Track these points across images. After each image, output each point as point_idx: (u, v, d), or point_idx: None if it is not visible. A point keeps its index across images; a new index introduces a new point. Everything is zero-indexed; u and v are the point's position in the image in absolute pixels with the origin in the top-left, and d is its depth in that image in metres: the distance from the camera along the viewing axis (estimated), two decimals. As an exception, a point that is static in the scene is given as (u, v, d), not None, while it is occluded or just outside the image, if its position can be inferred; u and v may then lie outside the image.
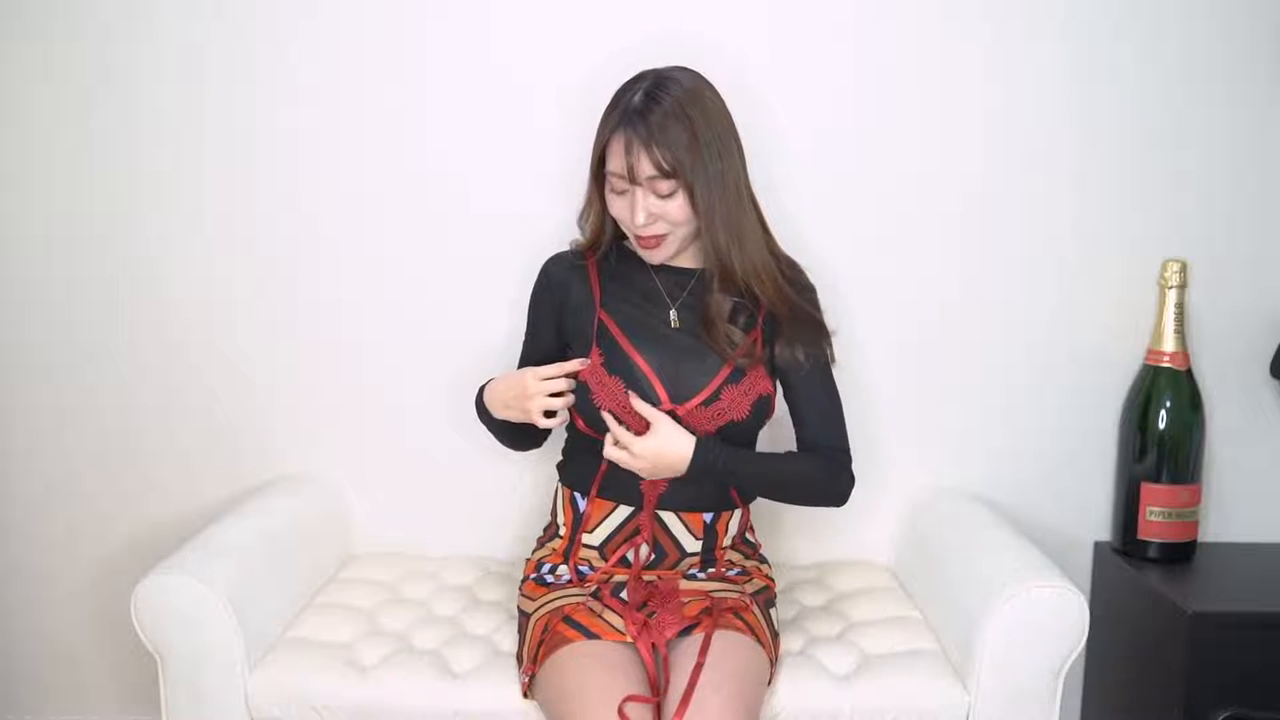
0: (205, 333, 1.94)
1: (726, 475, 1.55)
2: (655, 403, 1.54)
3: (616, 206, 1.53)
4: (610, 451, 1.52)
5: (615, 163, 1.49)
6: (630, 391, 1.53)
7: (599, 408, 1.54)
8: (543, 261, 1.68)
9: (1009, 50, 1.86)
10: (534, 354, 1.67)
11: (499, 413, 1.60)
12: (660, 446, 1.50)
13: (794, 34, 1.86)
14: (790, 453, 1.63)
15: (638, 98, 1.48)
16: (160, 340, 1.95)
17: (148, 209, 1.91)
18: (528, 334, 1.69)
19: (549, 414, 1.54)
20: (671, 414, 1.53)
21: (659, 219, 1.51)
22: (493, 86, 1.87)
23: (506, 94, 1.88)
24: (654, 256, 1.56)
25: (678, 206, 1.50)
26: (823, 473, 1.60)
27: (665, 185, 1.48)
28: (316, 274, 1.93)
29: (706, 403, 1.54)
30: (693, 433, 1.53)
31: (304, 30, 1.86)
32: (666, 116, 1.46)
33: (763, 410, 1.58)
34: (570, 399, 1.55)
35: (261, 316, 1.94)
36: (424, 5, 1.85)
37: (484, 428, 1.69)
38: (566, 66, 1.86)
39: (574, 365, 1.55)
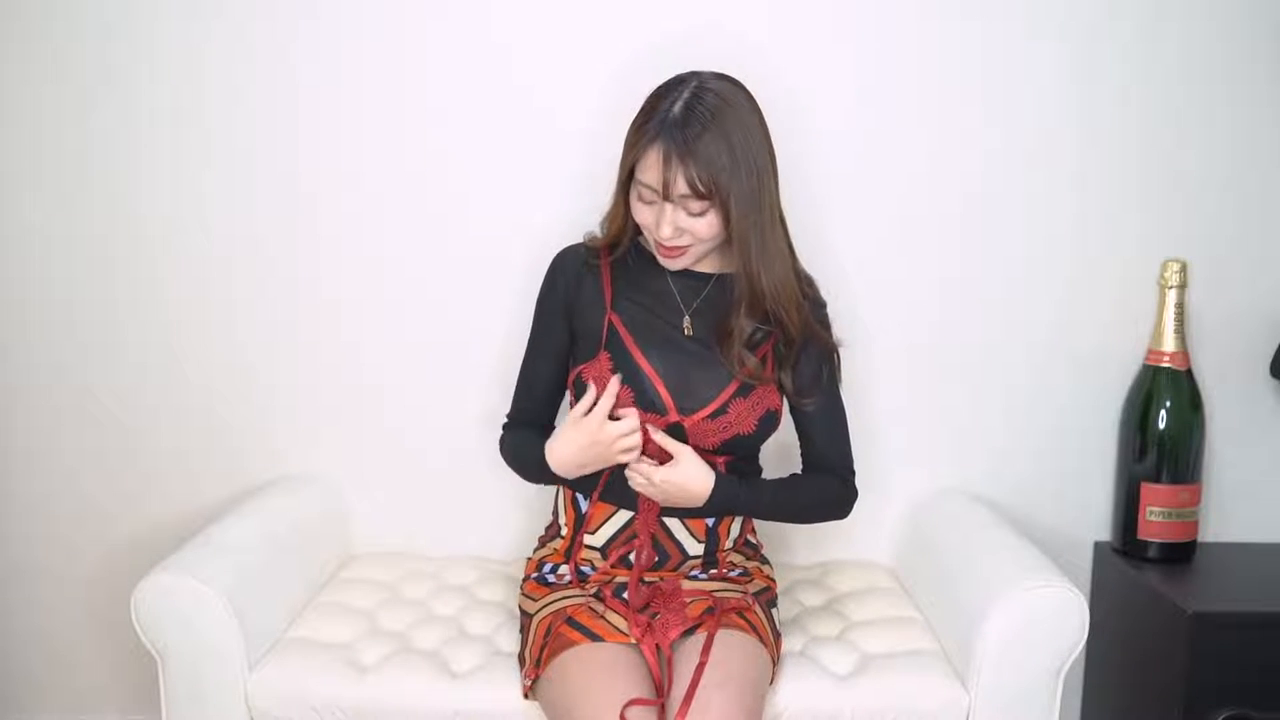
0: (205, 333, 1.94)
1: (741, 510, 1.57)
2: (661, 412, 1.52)
3: (643, 214, 1.50)
4: (631, 477, 1.52)
5: (649, 175, 1.45)
6: (650, 426, 1.51)
7: (610, 417, 1.53)
8: (550, 258, 1.64)
9: (1009, 50, 1.86)
10: (543, 352, 1.65)
11: (576, 474, 1.56)
12: (682, 481, 1.50)
13: (794, 35, 1.86)
14: (799, 477, 1.63)
15: (677, 108, 1.42)
16: (160, 340, 1.95)
17: (147, 209, 1.91)
18: (535, 331, 1.66)
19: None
20: (677, 425, 1.53)
21: (685, 233, 1.48)
22: (493, 86, 1.87)
23: (507, 94, 1.87)
24: (672, 265, 1.54)
25: (706, 224, 1.47)
26: (832, 494, 1.62)
27: (698, 205, 1.44)
28: (316, 274, 1.93)
29: (713, 416, 1.53)
30: (698, 447, 1.53)
31: (304, 30, 1.86)
32: (705, 131, 1.41)
33: (769, 425, 1.57)
34: (638, 425, 1.51)
35: (261, 316, 1.94)
36: (424, 5, 1.85)
37: (513, 470, 1.67)
38: (568, 66, 1.86)
39: (613, 387, 1.51)
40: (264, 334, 1.94)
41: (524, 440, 1.63)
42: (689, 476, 1.50)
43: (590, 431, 1.50)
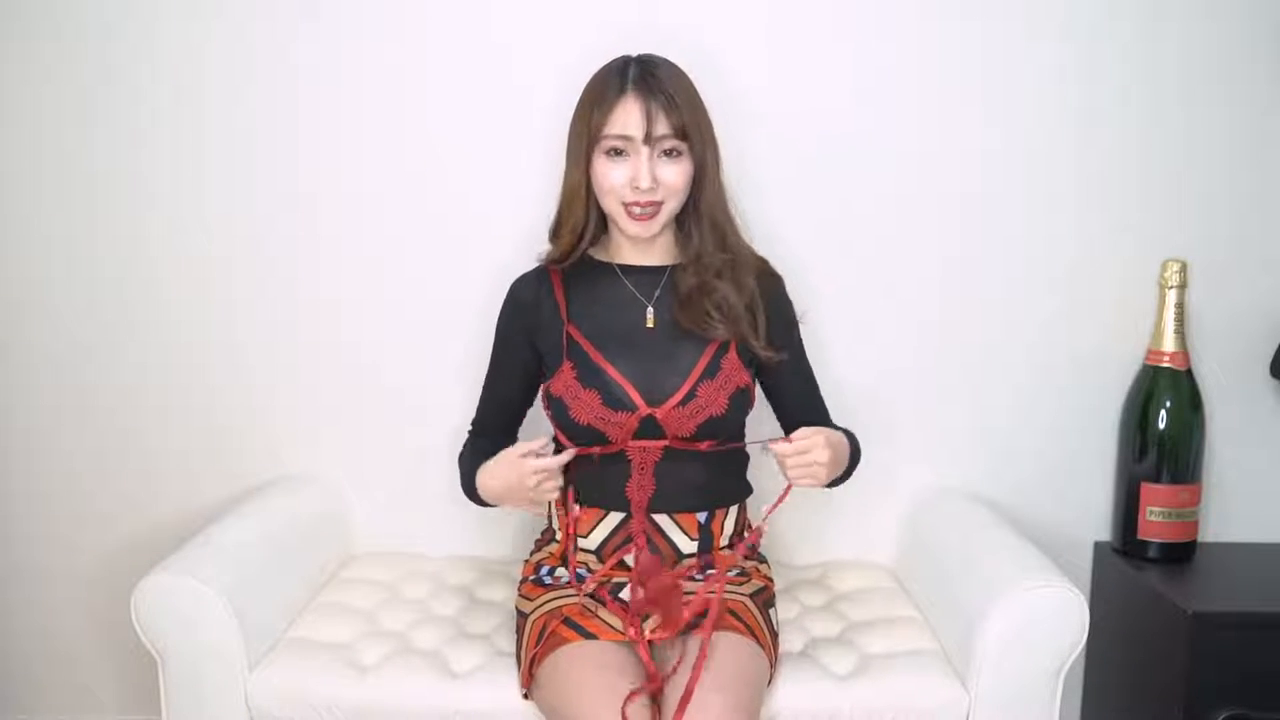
0: (205, 333, 1.94)
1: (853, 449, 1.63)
2: (631, 409, 1.53)
3: (614, 175, 1.51)
4: (797, 474, 1.48)
5: (628, 122, 1.49)
6: (776, 438, 1.49)
7: (577, 422, 1.54)
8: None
9: (1009, 50, 1.86)
10: (504, 375, 1.67)
11: (496, 502, 1.60)
12: (829, 443, 1.48)
13: (794, 34, 1.86)
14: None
15: (633, 69, 1.51)
16: (160, 340, 1.95)
17: (147, 209, 1.91)
18: (496, 354, 1.67)
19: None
20: (650, 418, 1.53)
21: (660, 185, 1.51)
22: (493, 87, 1.87)
23: (507, 94, 1.88)
24: (643, 230, 1.54)
25: (678, 172, 1.51)
26: (852, 437, 1.67)
27: (674, 144, 1.50)
28: (316, 274, 1.93)
29: (683, 402, 1.54)
30: (676, 436, 1.54)
31: (304, 30, 1.86)
32: (669, 80, 1.51)
33: (741, 403, 1.58)
34: (558, 482, 1.53)
35: (261, 316, 1.94)
36: (424, 5, 1.85)
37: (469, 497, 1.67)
38: (568, 67, 1.85)
39: (566, 457, 1.53)
40: (264, 334, 1.94)
41: (475, 454, 1.65)
42: (829, 436, 1.49)
43: (513, 465, 1.51)
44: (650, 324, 1.59)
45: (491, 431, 1.70)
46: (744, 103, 1.79)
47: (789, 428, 1.67)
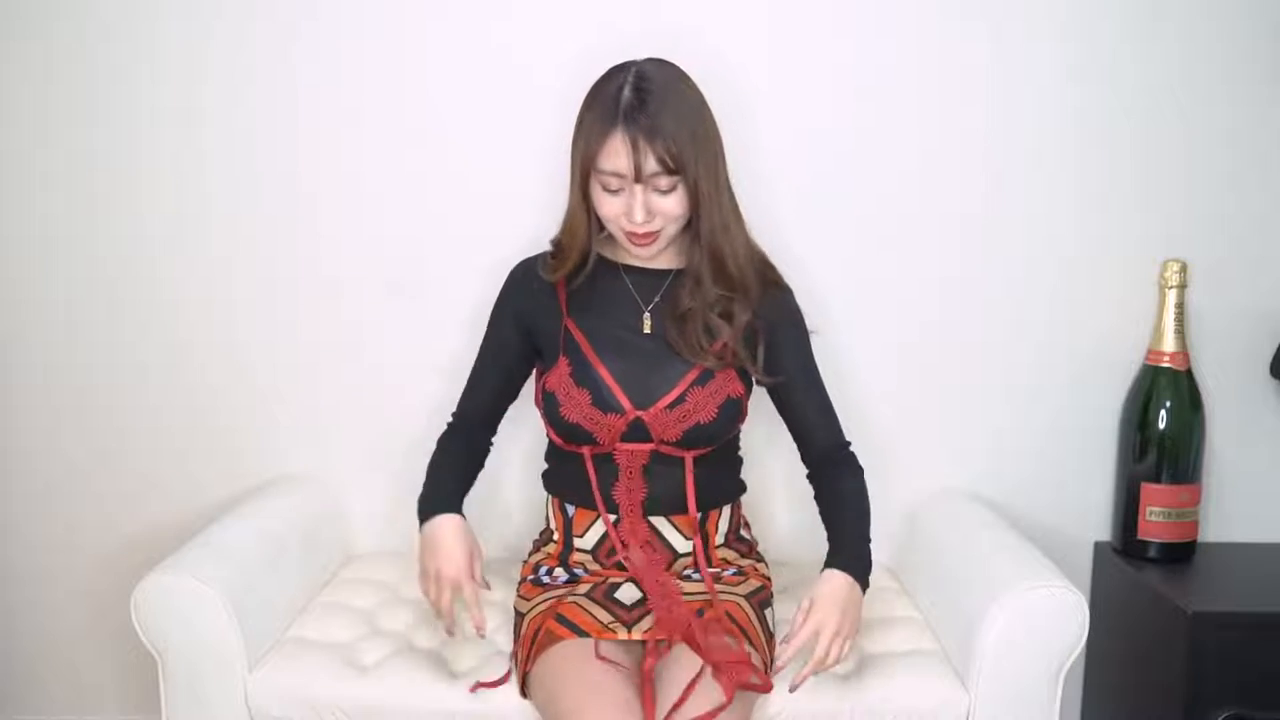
0: (206, 332, 1.94)
1: (869, 557, 1.55)
2: (619, 411, 1.53)
3: (610, 206, 1.49)
4: (821, 666, 1.43)
5: (617, 162, 1.45)
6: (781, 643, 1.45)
7: (567, 419, 1.54)
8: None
9: (1009, 50, 1.86)
10: (493, 361, 1.65)
11: (422, 542, 1.56)
12: (841, 603, 1.44)
13: (794, 33, 1.86)
14: (839, 499, 1.60)
15: (628, 93, 1.44)
16: (160, 340, 1.95)
17: (148, 209, 1.91)
18: (488, 338, 1.67)
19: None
20: (637, 420, 1.53)
21: (656, 215, 1.49)
22: (494, 87, 1.87)
23: (508, 95, 1.87)
24: (644, 253, 1.54)
25: (675, 201, 1.48)
26: (860, 483, 1.62)
27: (667, 181, 1.46)
28: (317, 274, 1.93)
29: (671, 406, 1.53)
30: (663, 440, 1.53)
31: (304, 30, 1.86)
32: (663, 109, 1.43)
33: (731, 413, 1.56)
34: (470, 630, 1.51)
35: (262, 316, 1.94)
36: (424, 5, 1.85)
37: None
38: (569, 66, 1.85)
39: (482, 622, 1.50)
40: (264, 334, 1.94)
41: (445, 463, 1.64)
42: (836, 598, 1.45)
43: (450, 559, 1.51)
44: (646, 329, 1.58)
45: (473, 420, 1.68)
46: (744, 103, 1.79)
47: (800, 437, 1.64)
